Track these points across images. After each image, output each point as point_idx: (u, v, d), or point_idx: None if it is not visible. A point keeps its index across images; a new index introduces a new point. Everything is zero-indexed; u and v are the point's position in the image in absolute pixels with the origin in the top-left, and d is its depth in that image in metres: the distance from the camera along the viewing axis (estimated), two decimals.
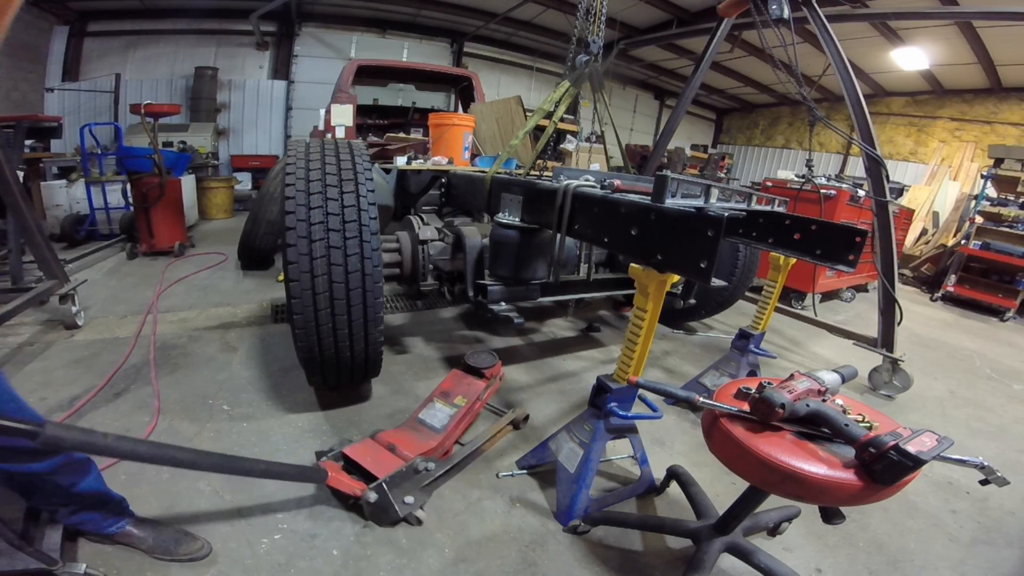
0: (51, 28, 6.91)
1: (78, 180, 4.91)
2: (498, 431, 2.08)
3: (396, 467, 1.62)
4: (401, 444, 1.76)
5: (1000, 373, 3.66)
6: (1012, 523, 1.92)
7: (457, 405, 1.99)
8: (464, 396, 2.04)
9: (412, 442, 1.79)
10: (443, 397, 2.04)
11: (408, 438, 1.81)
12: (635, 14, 7.53)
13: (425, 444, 1.79)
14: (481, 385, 2.11)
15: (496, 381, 2.28)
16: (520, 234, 2.09)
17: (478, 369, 2.17)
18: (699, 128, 13.65)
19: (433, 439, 1.83)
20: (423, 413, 1.97)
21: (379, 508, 1.55)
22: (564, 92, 2.61)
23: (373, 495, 1.54)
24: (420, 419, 1.94)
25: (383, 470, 1.60)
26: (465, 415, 1.98)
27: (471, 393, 2.06)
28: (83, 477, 1.27)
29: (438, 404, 2.00)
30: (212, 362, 2.54)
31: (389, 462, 1.66)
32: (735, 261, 3.14)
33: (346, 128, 4.53)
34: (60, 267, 2.79)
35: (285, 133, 8.53)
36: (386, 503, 1.55)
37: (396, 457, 1.70)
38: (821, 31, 2.95)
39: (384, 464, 1.64)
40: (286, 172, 1.77)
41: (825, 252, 1.73)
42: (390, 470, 1.61)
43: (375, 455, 1.69)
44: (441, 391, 2.08)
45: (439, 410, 1.97)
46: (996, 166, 6.72)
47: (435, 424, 1.91)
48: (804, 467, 1.02)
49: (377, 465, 1.63)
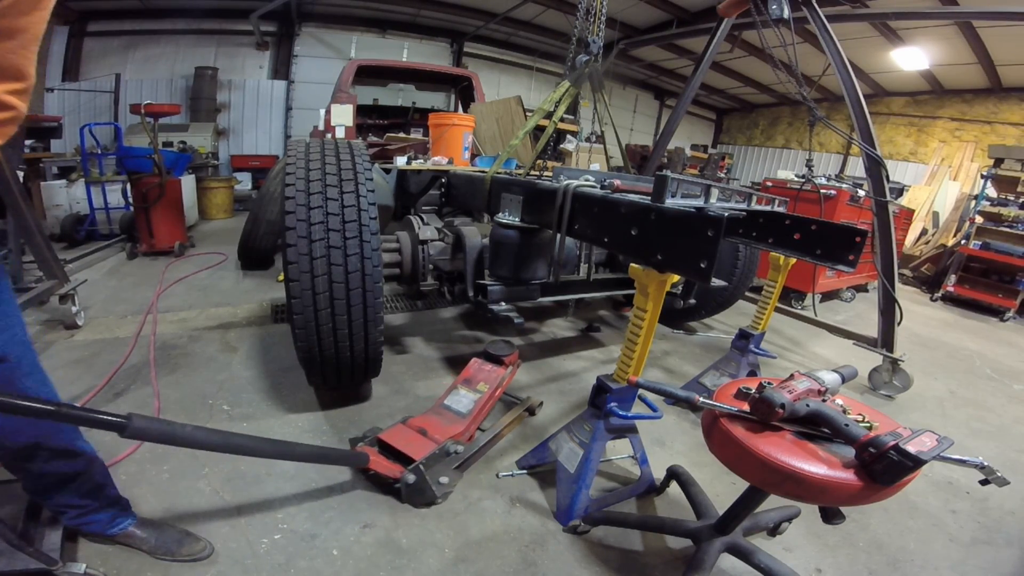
0: (51, 28, 6.85)
1: (78, 180, 4.91)
2: (515, 417, 2.18)
3: (430, 450, 1.70)
4: (431, 428, 1.82)
5: (1000, 373, 3.66)
6: (1012, 523, 1.92)
7: (480, 391, 2.05)
8: (486, 383, 2.10)
9: (441, 426, 1.86)
10: (466, 384, 2.11)
11: (437, 423, 1.88)
12: (635, 14, 7.53)
13: (453, 428, 1.86)
14: (501, 372, 2.16)
15: (514, 369, 2.32)
16: (520, 234, 2.09)
17: (498, 357, 2.22)
18: (699, 128, 13.65)
19: (460, 423, 1.90)
20: (448, 399, 2.03)
21: (416, 489, 1.63)
22: (564, 92, 2.61)
23: (412, 476, 1.61)
24: (446, 405, 2.01)
25: (418, 452, 1.67)
26: (488, 401, 2.05)
27: (492, 380, 2.12)
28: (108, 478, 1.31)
29: (462, 391, 2.07)
30: (212, 362, 2.54)
31: (422, 445, 1.73)
32: (735, 261, 3.14)
33: (346, 128, 4.53)
34: (60, 267, 2.79)
35: (285, 133, 8.53)
36: (423, 484, 1.63)
37: (428, 440, 1.76)
38: (821, 31, 2.95)
39: (418, 447, 1.71)
40: (286, 172, 1.77)
41: (825, 252, 1.73)
42: (424, 453, 1.68)
43: (408, 439, 1.76)
44: (464, 378, 2.15)
45: (463, 396, 2.04)
46: (996, 166, 6.71)
47: (460, 409, 1.97)
48: (804, 467, 1.02)
49: (411, 448, 1.70)
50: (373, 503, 1.66)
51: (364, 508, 1.63)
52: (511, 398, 2.35)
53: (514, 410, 2.22)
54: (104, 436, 1.80)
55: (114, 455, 1.72)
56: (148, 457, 1.76)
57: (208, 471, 1.72)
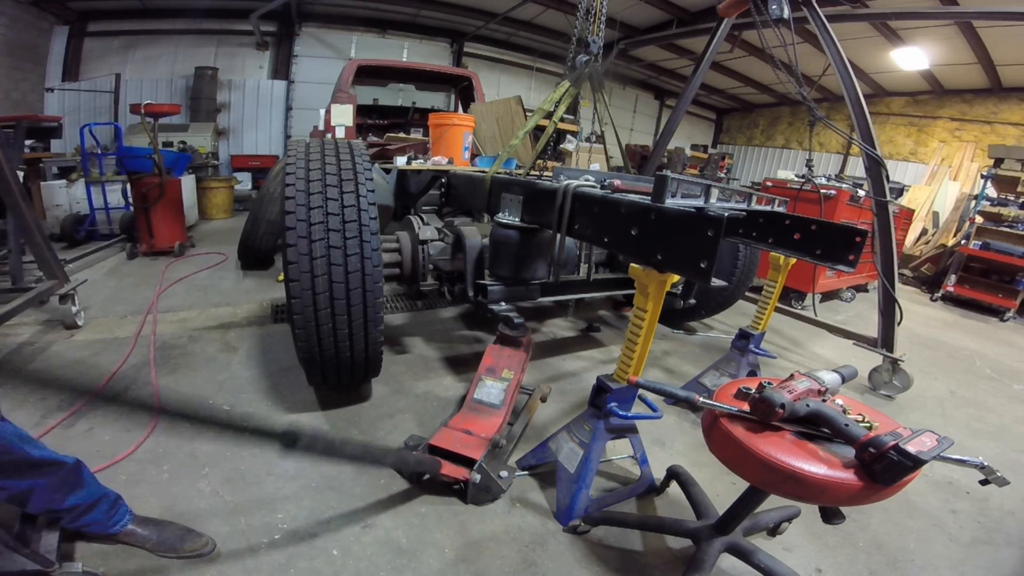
0: (51, 28, 6.90)
1: (78, 180, 4.90)
2: (534, 404, 2.26)
3: (484, 448, 1.72)
4: (474, 427, 1.83)
5: (1000, 373, 3.66)
6: (1012, 523, 1.92)
7: (506, 378, 2.01)
8: (509, 369, 2.04)
9: (481, 423, 1.86)
10: (490, 374, 2.03)
11: (476, 420, 1.88)
12: (635, 14, 7.53)
13: (494, 422, 1.86)
14: (522, 355, 2.10)
15: (531, 350, 2.25)
16: (520, 234, 2.09)
17: (515, 339, 2.11)
18: (699, 128, 13.65)
19: (497, 415, 1.90)
20: (477, 393, 1.99)
21: (482, 488, 1.67)
22: (564, 92, 2.61)
23: (478, 476, 1.65)
24: (477, 399, 1.97)
25: (475, 452, 1.69)
26: (515, 387, 2.01)
27: (514, 365, 2.05)
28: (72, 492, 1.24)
29: (488, 381, 2.01)
30: (212, 362, 2.54)
31: (475, 444, 1.73)
32: (735, 261, 3.14)
33: (346, 128, 4.53)
34: (60, 267, 2.79)
35: (285, 133, 8.52)
36: (488, 481, 1.68)
37: (477, 438, 1.76)
38: (821, 31, 2.95)
39: (472, 447, 1.72)
40: (286, 172, 1.77)
41: (825, 252, 1.73)
42: (481, 451, 1.69)
43: (460, 440, 1.75)
44: (486, 368, 2.05)
45: (491, 387, 2.00)
46: (996, 166, 6.72)
47: (493, 401, 1.95)
48: (804, 467, 1.02)
49: (468, 449, 1.71)
50: (373, 502, 1.66)
51: (364, 508, 1.63)
52: (522, 389, 2.34)
53: (532, 397, 2.30)
54: (104, 436, 1.81)
55: (115, 455, 1.73)
56: (148, 457, 1.76)
57: (208, 471, 1.72)
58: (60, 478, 1.21)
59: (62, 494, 1.22)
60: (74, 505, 1.25)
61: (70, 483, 1.24)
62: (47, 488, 1.19)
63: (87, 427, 1.87)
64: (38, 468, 1.17)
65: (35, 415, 1.91)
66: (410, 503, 1.68)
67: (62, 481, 1.22)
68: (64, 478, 1.22)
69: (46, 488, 1.18)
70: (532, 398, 2.32)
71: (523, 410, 2.22)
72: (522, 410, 2.22)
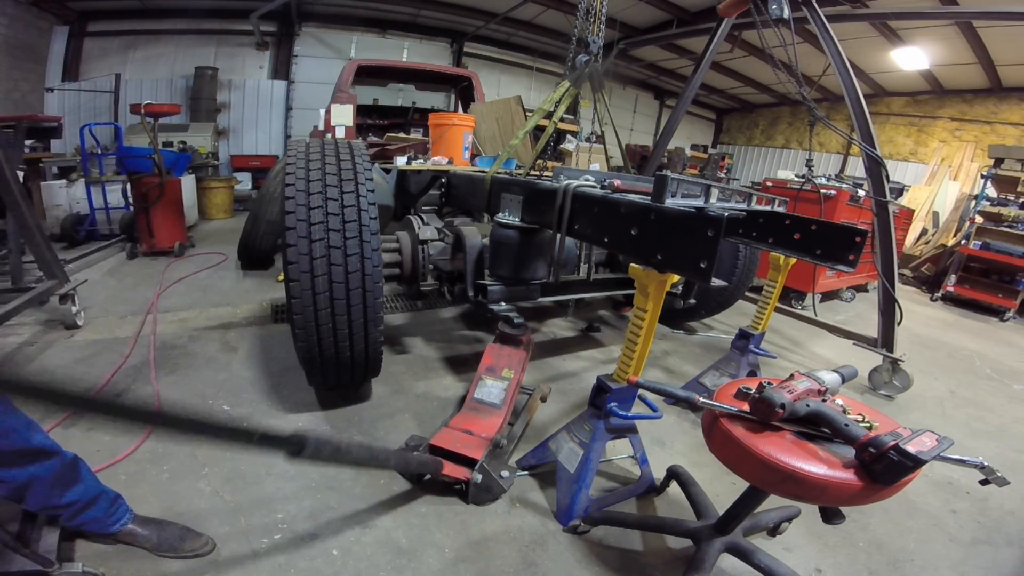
0: (51, 28, 6.90)
1: (78, 180, 4.90)
2: (535, 404, 2.27)
3: (485, 448, 1.71)
4: (474, 427, 1.82)
5: (1000, 373, 3.66)
6: (1012, 523, 1.92)
7: (506, 378, 2.00)
8: (509, 368, 2.03)
9: (482, 423, 1.86)
10: (490, 373, 2.02)
11: (476, 420, 1.88)
12: (635, 14, 7.52)
13: (494, 422, 1.86)
14: (522, 354, 2.09)
15: (531, 349, 2.24)
16: (520, 234, 2.09)
17: (515, 338, 2.09)
18: (699, 128, 13.65)
19: (497, 415, 1.89)
20: (477, 392, 1.98)
21: (483, 487, 1.67)
22: (564, 92, 2.61)
23: (479, 475, 1.64)
24: (477, 399, 1.97)
25: (476, 452, 1.68)
26: (515, 386, 2.00)
27: (514, 364, 2.05)
28: (70, 487, 1.24)
29: (488, 381, 2.00)
30: (212, 362, 2.54)
31: (476, 444, 1.73)
32: (735, 261, 3.14)
33: (346, 128, 4.52)
34: (60, 267, 2.79)
35: (285, 133, 8.52)
36: (490, 481, 1.68)
37: (478, 438, 1.76)
38: (821, 31, 2.95)
39: (473, 447, 1.72)
40: (286, 172, 1.77)
41: (825, 252, 1.73)
42: (482, 451, 1.69)
43: (461, 440, 1.75)
44: (486, 367, 2.04)
45: (491, 386, 1.99)
46: (996, 166, 6.72)
47: (494, 400, 1.95)
48: (804, 467, 1.02)
49: (469, 449, 1.71)
50: (373, 502, 1.66)
51: (364, 508, 1.63)
52: (522, 389, 2.33)
53: (532, 397, 2.29)
54: (104, 436, 1.81)
55: (115, 454, 1.72)
56: (148, 457, 1.76)
57: (208, 471, 1.72)
58: (58, 471, 1.22)
59: (60, 489, 1.22)
60: (72, 501, 1.24)
61: (68, 477, 1.24)
62: (46, 482, 1.19)
63: (87, 427, 1.87)
64: (37, 457, 1.17)
65: (35, 415, 1.89)
66: (410, 503, 1.68)
67: (60, 475, 1.22)
68: (62, 471, 1.23)
69: (45, 482, 1.19)
70: (532, 398, 2.32)
71: (523, 410, 2.22)
72: (522, 410, 2.22)
